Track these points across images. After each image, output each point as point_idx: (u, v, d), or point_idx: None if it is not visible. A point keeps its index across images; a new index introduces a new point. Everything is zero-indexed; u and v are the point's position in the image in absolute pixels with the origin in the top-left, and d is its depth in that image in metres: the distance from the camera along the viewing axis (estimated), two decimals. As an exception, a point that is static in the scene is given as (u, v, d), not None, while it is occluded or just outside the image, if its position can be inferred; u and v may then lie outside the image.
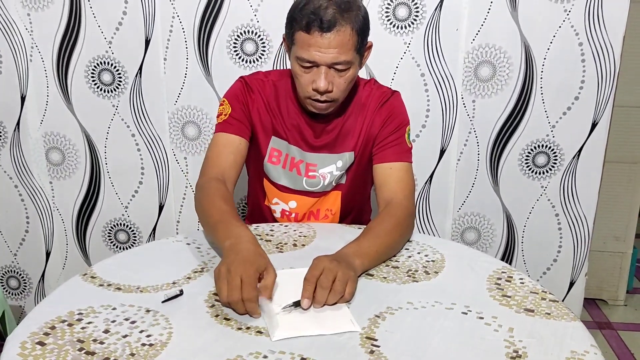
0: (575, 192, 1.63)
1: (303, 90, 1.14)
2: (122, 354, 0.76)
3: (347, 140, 1.24)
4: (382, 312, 0.88)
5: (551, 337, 0.82)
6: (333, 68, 1.10)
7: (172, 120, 1.68)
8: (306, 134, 1.24)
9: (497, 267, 1.04)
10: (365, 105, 1.23)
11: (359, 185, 1.30)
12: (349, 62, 1.09)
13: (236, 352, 0.77)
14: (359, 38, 1.09)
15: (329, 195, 1.29)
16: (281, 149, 1.25)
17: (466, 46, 1.54)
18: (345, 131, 1.24)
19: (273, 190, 1.29)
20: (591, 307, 2.14)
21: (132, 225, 1.81)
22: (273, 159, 1.26)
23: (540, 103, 1.56)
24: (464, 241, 1.74)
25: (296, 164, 1.26)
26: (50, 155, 1.75)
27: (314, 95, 1.13)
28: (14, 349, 0.76)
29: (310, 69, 1.10)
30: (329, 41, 1.06)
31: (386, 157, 1.21)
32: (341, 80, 1.12)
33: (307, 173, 1.26)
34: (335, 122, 1.23)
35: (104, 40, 1.61)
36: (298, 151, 1.25)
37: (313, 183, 1.26)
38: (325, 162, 1.25)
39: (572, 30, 1.49)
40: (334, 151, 1.25)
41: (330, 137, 1.24)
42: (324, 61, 1.08)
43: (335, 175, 1.25)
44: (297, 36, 1.09)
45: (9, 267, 1.88)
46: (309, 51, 1.07)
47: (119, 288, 0.94)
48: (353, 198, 1.31)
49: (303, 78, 1.12)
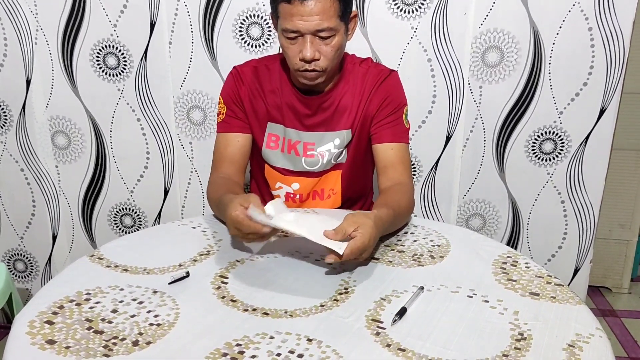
0: (582, 179, 1.62)
1: (292, 62, 1.15)
2: (131, 333, 0.76)
3: (343, 118, 1.25)
4: (387, 295, 0.88)
5: (556, 320, 0.82)
6: (317, 36, 1.11)
7: (178, 105, 1.68)
8: (302, 113, 1.25)
9: (503, 252, 1.05)
10: (362, 82, 1.24)
11: (359, 164, 1.31)
12: (333, 29, 1.11)
13: (243, 333, 0.77)
14: (341, 4, 1.10)
15: (330, 175, 1.30)
16: (278, 133, 1.27)
17: (474, 31, 1.52)
18: (341, 108, 1.25)
19: (275, 175, 1.31)
20: (595, 295, 2.14)
21: (138, 209, 1.82)
22: (271, 144, 1.28)
23: (548, 89, 1.55)
24: (469, 228, 1.74)
25: (293, 145, 1.27)
26: (55, 139, 1.76)
27: (302, 67, 1.14)
28: (22, 328, 0.77)
29: (296, 39, 1.12)
30: (310, 9, 1.07)
31: (385, 137, 1.23)
32: (327, 48, 1.13)
33: (305, 153, 1.27)
34: (331, 98, 1.24)
35: (109, 23, 1.61)
36: (295, 132, 1.26)
37: (312, 162, 1.27)
38: (323, 141, 1.26)
39: (582, 15, 1.47)
40: (331, 129, 1.26)
41: (327, 115, 1.25)
42: (307, 29, 1.09)
43: (334, 152, 1.26)
44: (280, 8, 1.10)
45: (15, 250, 1.89)
46: (292, 21, 1.09)
47: (125, 269, 0.95)
48: (354, 178, 1.32)
49: (290, 50, 1.13)
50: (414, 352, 0.74)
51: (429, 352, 0.74)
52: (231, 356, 0.72)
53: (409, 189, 1.20)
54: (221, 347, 0.74)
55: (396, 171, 1.21)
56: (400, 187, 1.18)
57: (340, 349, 0.74)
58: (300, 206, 1.32)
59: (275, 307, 0.84)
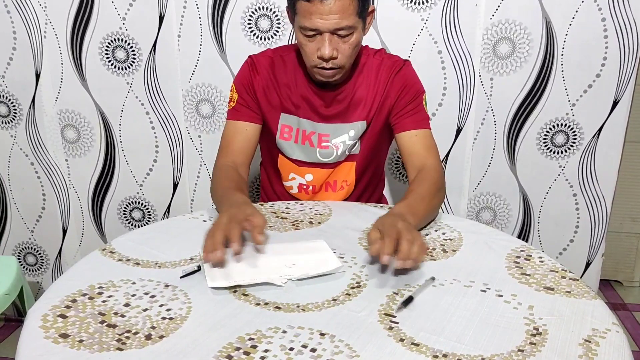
0: (594, 172, 1.61)
1: (309, 59, 1.15)
2: (143, 327, 0.76)
3: (358, 109, 1.24)
4: (400, 289, 0.88)
5: (572, 315, 0.81)
6: (336, 34, 1.10)
7: (187, 98, 1.67)
8: (317, 105, 1.24)
9: (516, 246, 1.04)
10: (376, 74, 1.24)
11: (373, 155, 1.30)
12: (352, 27, 1.10)
13: (255, 327, 0.77)
14: (360, 2, 1.09)
15: (343, 166, 1.29)
16: (291, 124, 1.26)
17: (485, 22, 1.51)
18: (356, 100, 1.24)
19: (288, 166, 1.30)
20: (606, 289, 2.12)
21: (147, 203, 1.82)
22: (285, 135, 1.27)
23: (561, 81, 1.53)
24: (480, 221, 1.73)
25: (308, 136, 1.26)
26: (65, 133, 1.76)
27: (320, 64, 1.13)
28: (35, 322, 0.77)
29: (314, 37, 1.11)
30: (330, 8, 1.06)
31: (408, 125, 1.23)
32: (345, 46, 1.12)
33: (320, 144, 1.26)
34: (346, 91, 1.23)
35: (118, 16, 1.60)
36: (309, 123, 1.26)
37: (327, 154, 1.27)
38: (338, 132, 1.25)
39: (595, 5, 1.45)
40: (346, 120, 1.25)
41: (342, 107, 1.24)
42: (326, 28, 1.08)
43: (348, 144, 1.26)
44: (299, 5, 1.09)
45: (26, 244, 1.90)
46: (311, 19, 1.08)
47: (137, 263, 0.95)
48: (368, 169, 1.32)
49: (308, 47, 1.13)
50: (427, 346, 0.74)
51: (443, 346, 0.74)
52: (244, 350, 0.72)
53: (434, 170, 1.18)
54: (234, 341, 0.74)
55: (420, 156, 1.21)
56: (425, 173, 1.17)
57: (353, 343, 0.74)
58: (313, 198, 1.31)
59: (287, 302, 0.84)
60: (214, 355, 0.71)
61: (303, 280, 0.89)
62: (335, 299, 0.85)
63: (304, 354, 0.72)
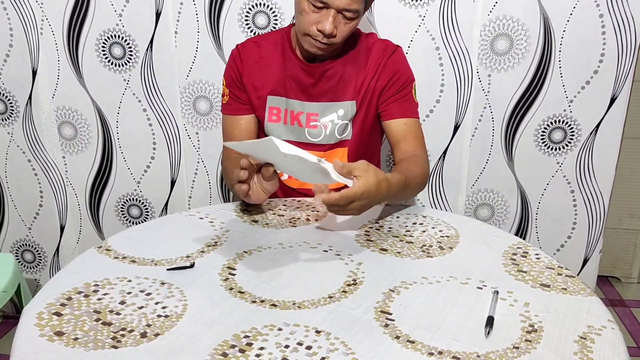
0: (592, 168, 1.61)
1: (306, 27, 1.15)
2: (139, 325, 0.76)
3: (347, 89, 1.25)
4: (396, 286, 0.88)
5: (567, 312, 0.81)
6: (341, 14, 1.12)
7: (184, 95, 1.67)
8: (305, 83, 1.25)
9: (513, 243, 1.03)
10: (367, 55, 1.25)
11: (365, 141, 1.30)
12: (357, 12, 1.13)
13: (251, 325, 0.77)
14: None
15: (336, 152, 1.29)
16: (279, 105, 1.27)
17: (482, 18, 1.50)
18: (345, 79, 1.25)
19: None
20: (604, 285, 2.13)
21: (145, 200, 1.82)
22: (273, 117, 1.28)
23: (558, 77, 1.53)
24: (477, 218, 1.72)
25: (296, 117, 1.27)
26: (62, 130, 1.76)
27: (315, 35, 1.15)
28: (30, 320, 0.77)
29: (320, 10, 1.12)
30: None
31: (397, 113, 1.24)
32: (345, 27, 1.14)
33: (308, 123, 1.27)
34: (335, 67, 1.24)
35: (114, 13, 1.59)
36: (298, 103, 1.26)
37: (315, 133, 1.27)
38: (327, 111, 1.26)
39: (593, 1, 1.44)
40: (335, 99, 1.26)
41: (331, 84, 1.25)
42: (337, 5, 1.10)
43: (337, 124, 1.26)
44: None
45: (23, 241, 1.90)
46: None
47: (133, 261, 0.95)
48: (361, 155, 1.31)
49: (310, 16, 1.13)
50: (423, 343, 0.74)
51: (439, 344, 0.74)
52: (239, 348, 0.72)
53: (423, 160, 1.21)
54: (229, 339, 0.74)
55: (410, 145, 1.22)
56: (414, 158, 1.19)
57: (348, 341, 0.74)
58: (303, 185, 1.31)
59: (284, 299, 0.84)
60: (210, 353, 0.71)
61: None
62: (331, 296, 0.85)
63: (299, 351, 0.72)
